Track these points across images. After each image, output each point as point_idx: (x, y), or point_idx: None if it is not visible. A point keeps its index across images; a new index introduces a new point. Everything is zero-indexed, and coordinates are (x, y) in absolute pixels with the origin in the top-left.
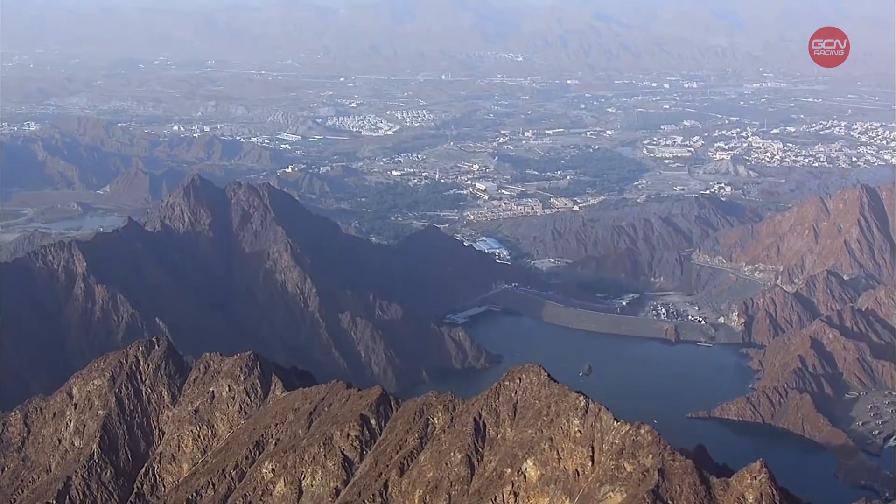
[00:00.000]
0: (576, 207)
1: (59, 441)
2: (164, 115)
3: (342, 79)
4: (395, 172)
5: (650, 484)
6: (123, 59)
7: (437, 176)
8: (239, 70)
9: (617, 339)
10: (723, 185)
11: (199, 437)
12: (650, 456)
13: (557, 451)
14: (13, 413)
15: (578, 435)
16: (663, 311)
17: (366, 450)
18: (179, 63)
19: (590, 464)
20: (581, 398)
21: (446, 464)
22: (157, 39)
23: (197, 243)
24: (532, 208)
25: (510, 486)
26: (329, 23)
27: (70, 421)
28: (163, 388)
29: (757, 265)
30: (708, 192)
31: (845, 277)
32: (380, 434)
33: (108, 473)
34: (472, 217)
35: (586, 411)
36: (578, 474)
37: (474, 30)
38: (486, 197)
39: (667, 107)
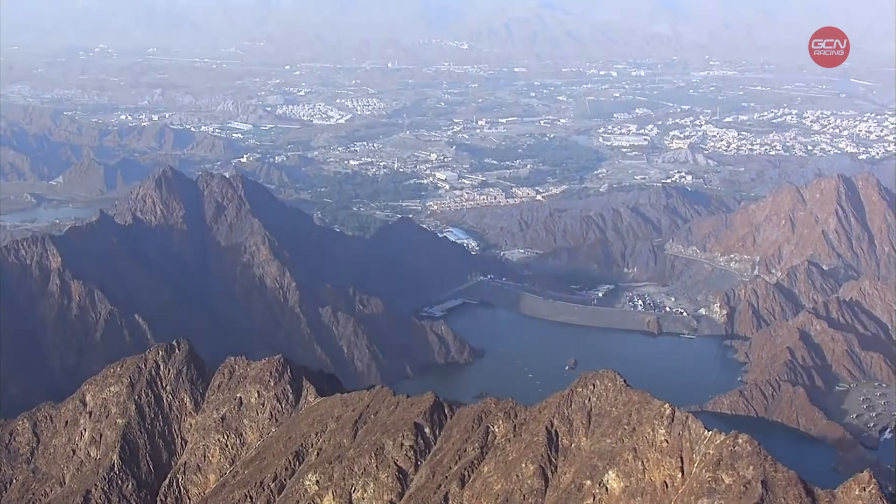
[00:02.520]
0: (539, 197)
1: (74, 451)
2: (109, 104)
3: (287, 67)
4: (352, 162)
5: (753, 497)
6: (63, 47)
7: (395, 165)
8: (182, 58)
9: (598, 332)
10: (683, 173)
11: (227, 446)
12: (751, 467)
13: (642, 462)
14: (20, 421)
15: (665, 444)
16: (640, 302)
17: (420, 460)
18: (120, 51)
19: (679, 475)
20: (667, 406)
21: (517, 475)
22: (97, 27)
23: (170, 236)
24: (495, 198)
25: (591, 498)
26: (271, 10)
27: (85, 430)
28: (185, 395)
29: (732, 255)
30: (669, 180)
31: (824, 267)
32: (434, 443)
33: (130, 486)
34: (435, 207)
35: (672, 419)
36: (667, 486)
37: (418, 17)
38: (448, 186)
39: (617, 95)
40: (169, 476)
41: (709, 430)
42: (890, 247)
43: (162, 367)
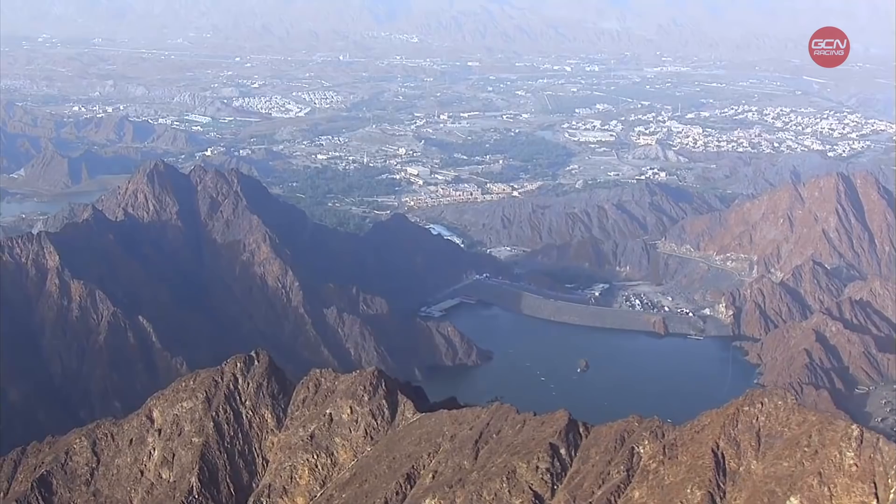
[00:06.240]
0: (515, 193)
1: (142, 473)
2: (60, 95)
3: (238, 59)
4: (319, 156)
5: None
6: (5, 36)
7: (365, 160)
8: (128, 48)
9: (603, 333)
10: (655, 170)
11: (317, 466)
12: None
13: (829, 488)
14: (76, 439)
15: (855, 469)
16: (637, 301)
17: (556, 484)
18: (65, 40)
19: (874, 502)
20: (854, 427)
21: (680, 502)
22: (38, 16)
23: (164, 233)
24: (471, 194)
25: None
26: (216, 0)
27: (154, 449)
28: (266, 411)
29: (728, 254)
30: (643, 177)
31: (827, 267)
32: (570, 465)
33: None
34: (412, 203)
35: (861, 441)
36: None
37: (365, 9)
38: (421, 182)
39: (574, 90)
40: (251, 499)
41: None
42: (890, 246)
43: (241, 381)
